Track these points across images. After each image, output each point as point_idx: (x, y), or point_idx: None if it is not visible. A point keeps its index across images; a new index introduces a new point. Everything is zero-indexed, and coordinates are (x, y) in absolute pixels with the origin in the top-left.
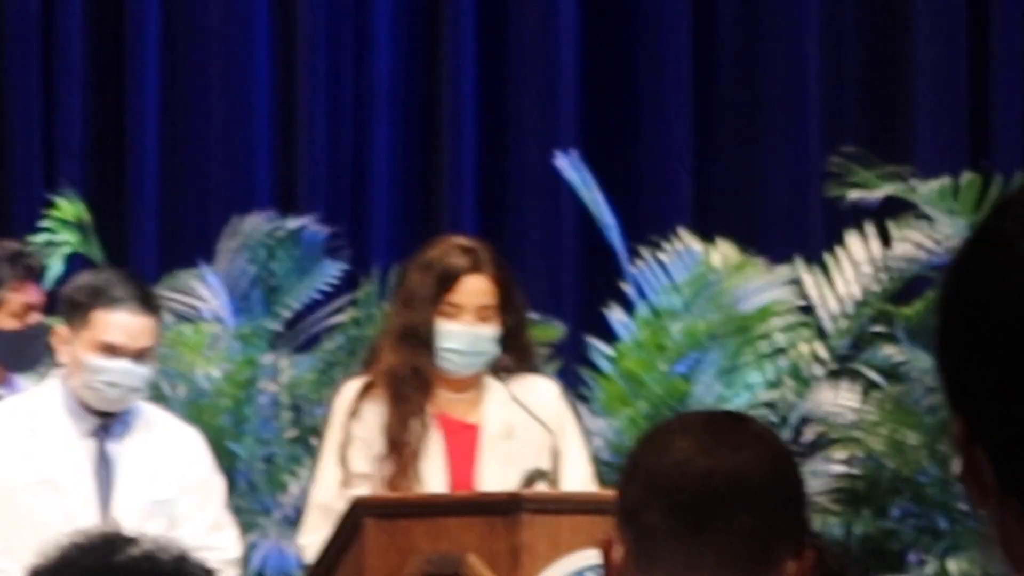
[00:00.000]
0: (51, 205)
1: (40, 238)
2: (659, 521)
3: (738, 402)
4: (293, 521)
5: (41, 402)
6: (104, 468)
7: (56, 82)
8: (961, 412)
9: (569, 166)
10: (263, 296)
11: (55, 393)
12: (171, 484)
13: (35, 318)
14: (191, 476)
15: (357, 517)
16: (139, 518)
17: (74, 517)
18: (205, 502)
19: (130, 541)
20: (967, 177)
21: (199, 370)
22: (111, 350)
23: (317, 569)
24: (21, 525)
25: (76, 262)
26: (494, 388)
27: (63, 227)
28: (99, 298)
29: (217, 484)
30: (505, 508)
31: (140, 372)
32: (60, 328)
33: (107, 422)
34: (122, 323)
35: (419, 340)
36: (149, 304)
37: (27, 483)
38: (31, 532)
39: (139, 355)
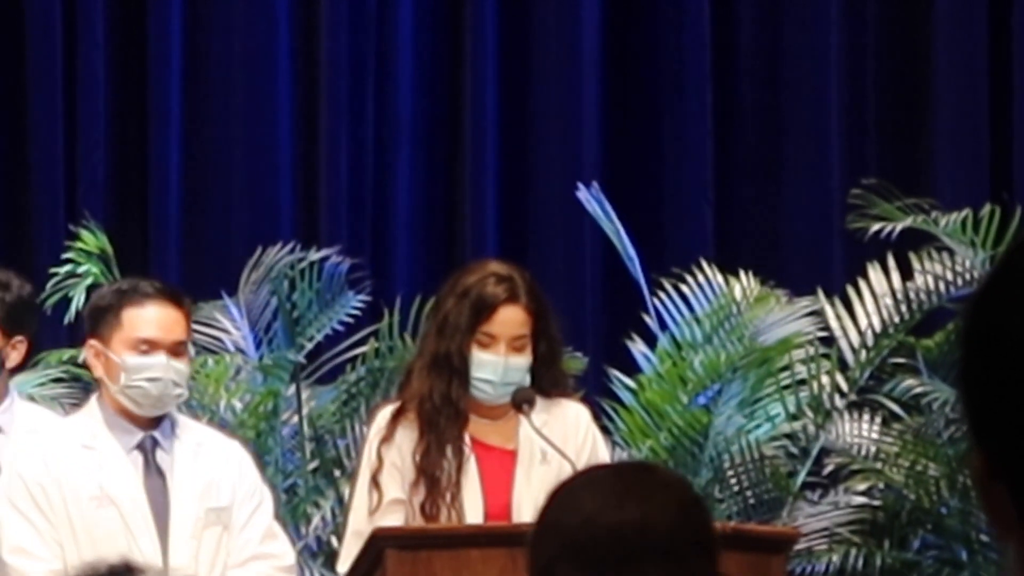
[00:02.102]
0: (74, 236)
1: (63, 269)
2: None
3: (759, 433)
4: (315, 552)
5: (84, 422)
6: (156, 479)
7: (79, 113)
8: (981, 447)
9: (591, 198)
10: (285, 327)
11: (95, 412)
12: (225, 492)
13: None
14: (243, 485)
15: (378, 548)
16: (196, 527)
17: (133, 530)
18: (258, 510)
19: (137, 572)
20: (988, 209)
21: (221, 401)
22: (147, 346)
23: None
24: (81, 542)
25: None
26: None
27: (86, 258)
28: (127, 297)
29: (267, 493)
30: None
31: (178, 367)
32: (91, 342)
33: (152, 433)
34: (155, 317)
35: (452, 368)
36: (178, 298)
37: (82, 500)
38: (91, 548)
39: (174, 349)
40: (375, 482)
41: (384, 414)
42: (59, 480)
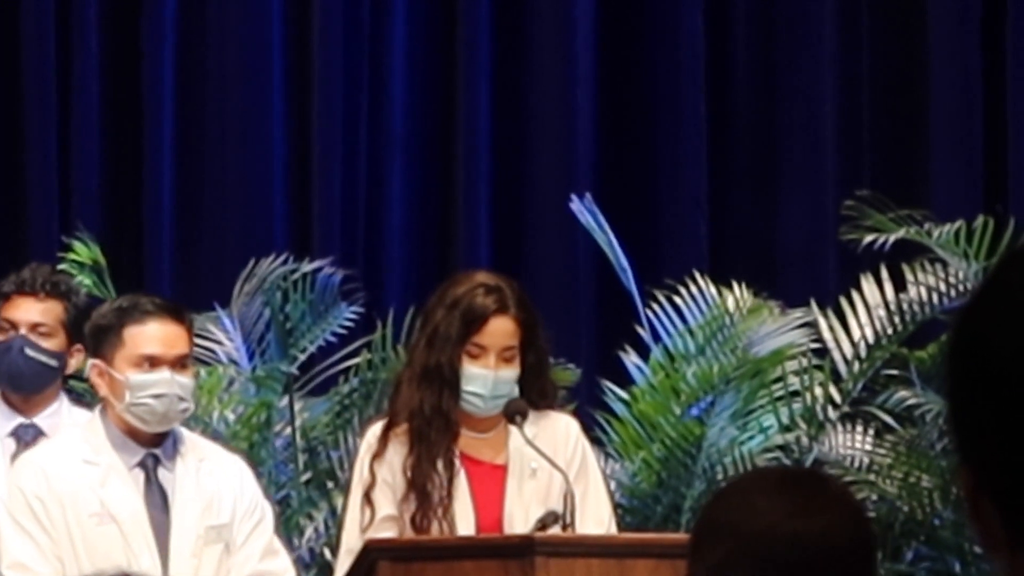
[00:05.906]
0: (67, 248)
1: None
2: None
3: (752, 445)
4: (308, 564)
5: (86, 437)
6: (157, 496)
7: (72, 125)
8: (969, 463)
9: (584, 210)
10: (278, 339)
11: (97, 428)
12: (226, 509)
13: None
14: (244, 501)
15: (371, 560)
16: (196, 545)
17: (133, 548)
18: (259, 527)
19: None
20: (981, 221)
21: (215, 413)
22: (150, 362)
23: None
24: (81, 558)
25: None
26: (515, 428)
27: (79, 270)
28: (127, 314)
29: (267, 509)
30: (519, 551)
31: (182, 380)
32: (94, 362)
33: (154, 451)
34: (156, 333)
35: (443, 380)
36: (178, 312)
37: (82, 516)
38: (91, 565)
39: (177, 364)
40: (367, 499)
41: (374, 430)
42: (60, 495)
